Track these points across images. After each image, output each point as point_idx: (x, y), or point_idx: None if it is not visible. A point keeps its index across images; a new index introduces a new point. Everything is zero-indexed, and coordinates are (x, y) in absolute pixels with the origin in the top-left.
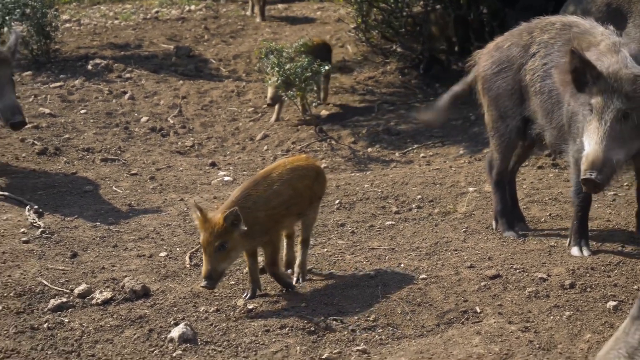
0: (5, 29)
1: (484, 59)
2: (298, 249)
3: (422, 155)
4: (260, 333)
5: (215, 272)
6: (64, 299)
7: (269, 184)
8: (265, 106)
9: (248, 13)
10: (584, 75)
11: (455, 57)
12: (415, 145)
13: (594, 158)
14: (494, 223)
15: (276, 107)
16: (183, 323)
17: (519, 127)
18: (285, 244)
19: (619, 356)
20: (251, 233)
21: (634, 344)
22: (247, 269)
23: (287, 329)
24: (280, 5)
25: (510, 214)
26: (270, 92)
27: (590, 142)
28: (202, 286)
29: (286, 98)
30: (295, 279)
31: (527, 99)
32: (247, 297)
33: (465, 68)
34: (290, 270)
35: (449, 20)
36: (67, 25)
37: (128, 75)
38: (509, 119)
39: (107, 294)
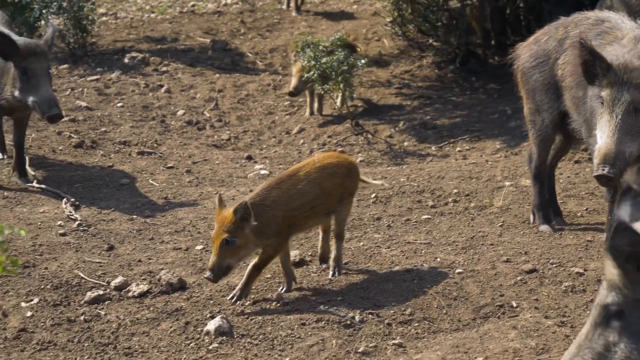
0: (43, 22)
1: (524, 52)
2: (333, 242)
3: (458, 149)
4: (296, 326)
5: (220, 266)
6: (101, 292)
7: (293, 184)
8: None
9: (284, 7)
10: (593, 67)
11: (491, 51)
12: (452, 139)
13: (606, 152)
14: (531, 217)
15: (308, 100)
16: (219, 316)
17: (555, 122)
18: (320, 237)
19: None
20: (266, 232)
21: (599, 349)
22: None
23: (323, 322)
24: None
25: (548, 208)
26: (293, 81)
27: (602, 135)
28: (205, 277)
29: (322, 91)
30: (330, 272)
31: (562, 94)
32: (284, 290)
33: (507, 60)
34: (324, 264)
35: (486, 14)
36: (104, 18)
37: (164, 68)
38: (545, 112)
39: (143, 287)
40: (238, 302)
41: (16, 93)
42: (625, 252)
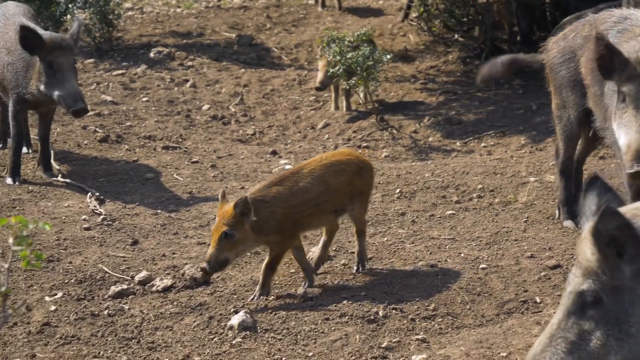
0: (68, 16)
1: (553, 47)
2: (355, 239)
3: (483, 144)
4: (319, 321)
5: (217, 259)
6: (125, 286)
7: (295, 181)
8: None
9: (311, 1)
10: (610, 62)
11: (517, 47)
12: (477, 135)
13: (638, 147)
14: (556, 211)
15: (333, 95)
16: (243, 311)
17: (580, 118)
18: (321, 240)
19: (558, 353)
20: (266, 228)
21: (572, 338)
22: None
23: (346, 317)
24: None
25: (573, 204)
26: (320, 76)
27: (629, 131)
28: (200, 268)
29: (347, 86)
30: (355, 268)
31: (586, 91)
32: (307, 285)
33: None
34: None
35: (512, 10)
36: (130, 13)
37: (190, 63)
38: (570, 109)
39: (167, 281)
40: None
41: (42, 87)
42: (607, 236)
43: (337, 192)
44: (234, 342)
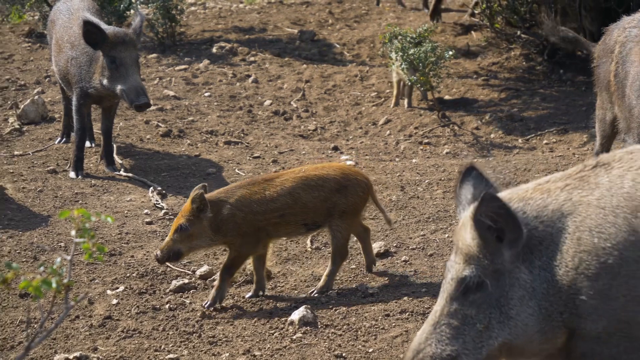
0: (132, 11)
1: (597, 48)
2: (330, 260)
3: (545, 141)
4: (380, 317)
5: (170, 249)
6: (186, 280)
7: (263, 188)
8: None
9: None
10: None
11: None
12: (539, 132)
13: None
14: None
15: (395, 92)
16: (303, 306)
17: (612, 120)
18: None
19: (443, 339)
20: (223, 229)
21: (456, 324)
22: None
23: (407, 313)
24: None
25: None
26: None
27: None
28: (153, 255)
29: (409, 83)
30: (315, 290)
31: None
32: (249, 295)
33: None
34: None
35: (575, 7)
36: (193, 8)
37: (252, 58)
38: (607, 111)
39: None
40: (211, 308)
41: (104, 82)
42: (487, 221)
43: (307, 207)
44: (294, 337)
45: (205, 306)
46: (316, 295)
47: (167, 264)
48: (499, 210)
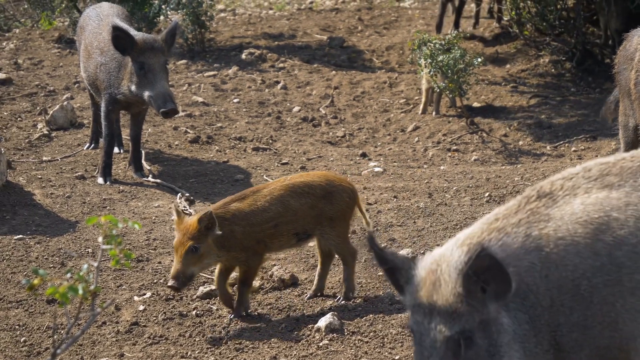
0: (162, 17)
1: (618, 56)
2: (344, 268)
3: (573, 149)
4: (406, 325)
5: (184, 274)
6: (213, 287)
7: (254, 200)
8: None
9: (403, 4)
10: None
11: (609, 51)
12: (567, 139)
13: None
14: None
15: (423, 99)
16: (330, 313)
17: (635, 126)
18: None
19: None
20: (226, 245)
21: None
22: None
23: None
24: None
25: None
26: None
27: None
28: (168, 286)
29: (438, 89)
30: (339, 296)
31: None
32: (232, 317)
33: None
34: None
35: (604, 14)
36: (222, 14)
37: (281, 65)
38: (630, 117)
39: (255, 283)
40: (236, 319)
41: (133, 88)
42: (475, 276)
43: (297, 215)
44: (320, 344)
45: (232, 318)
46: (343, 302)
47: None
48: (491, 266)
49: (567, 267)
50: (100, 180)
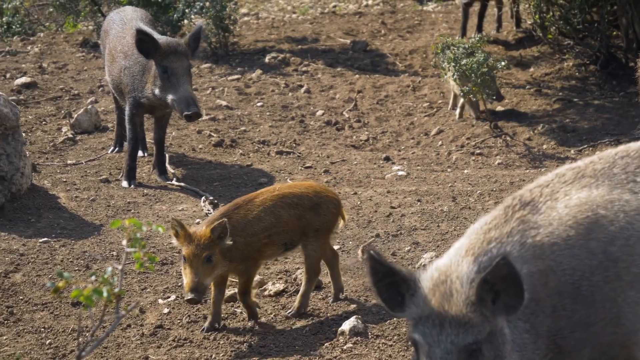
0: (186, 21)
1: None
2: (302, 280)
3: (597, 152)
4: None
5: (202, 285)
6: (237, 290)
7: (249, 210)
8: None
9: (426, 8)
10: None
11: (633, 54)
12: (591, 143)
13: None
14: None
15: (460, 103)
16: (354, 316)
17: None
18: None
19: None
20: (229, 256)
21: None
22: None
23: None
24: (457, 1)
25: None
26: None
27: None
28: (187, 300)
29: (461, 93)
30: (291, 310)
31: None
32: (204, 329)
33: None
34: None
35: (628, 18)
36: (246, 18)
37: (304, 68)
38: None
39: (279, 286)
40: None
41: (156, 91)
42: (490, 284)
43: (287, 225)
44: (344, 347)
45: (253, 324)
46: (291, 315)
47: None
48: (507, 276)
49: (565, 272)
50: (124, 183)
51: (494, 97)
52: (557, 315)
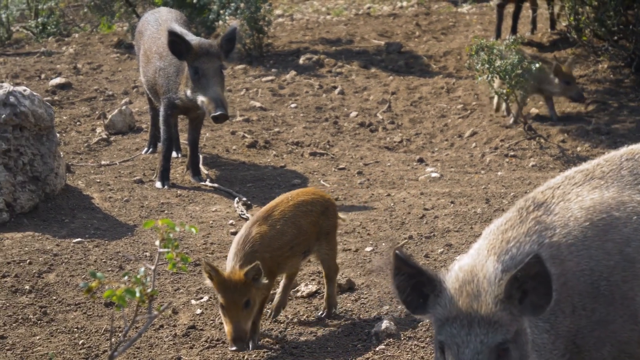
0: (220, 22)
1: None
2: (324, 283)
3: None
4: None
5: (244, 332)
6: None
7: (272, 224)
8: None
9: (460, 9)
10: None
11: None
12: (625, 146)
13: None
14: None
15: (505, 105)
16: (387, 318)
17: None
18: (281, 284)
19: None
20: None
21: None
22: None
23: None
24: (492, 2)
25: None
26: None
27: None
28: (233, 350)
29: (496, 95)
30: (321, 313)
31: None
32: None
33: None
34: (276, 316)
35: None
36: (280, 20)
37: (338, 70)
38: None
39: (312, 287)
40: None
41: (188, 92)
42: (519, 282)
43: (307, 234)
44: (377, 349)
45: (253, 345)
46: (323, 317)
47: None
48: (537, 274)
49: (584, 272)
50: (158, 184)
51: (574, 97)
52: (577, 315)
